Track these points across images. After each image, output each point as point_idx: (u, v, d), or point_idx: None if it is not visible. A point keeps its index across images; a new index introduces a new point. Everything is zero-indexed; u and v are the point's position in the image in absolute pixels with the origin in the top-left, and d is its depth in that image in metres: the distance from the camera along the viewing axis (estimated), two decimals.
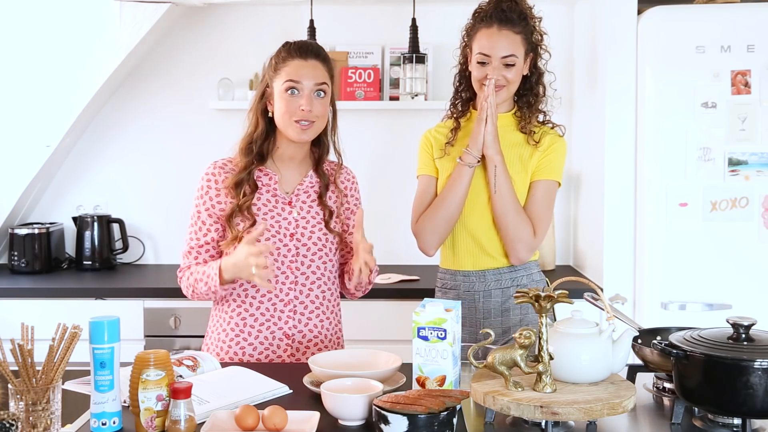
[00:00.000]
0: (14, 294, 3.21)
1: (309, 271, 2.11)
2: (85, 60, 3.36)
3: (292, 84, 2.06)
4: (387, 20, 3.63)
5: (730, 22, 2.92)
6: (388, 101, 3.58)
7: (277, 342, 2.10)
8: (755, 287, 2.91)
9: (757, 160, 2.89)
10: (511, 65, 2.21)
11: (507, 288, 2.26)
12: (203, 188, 2.13)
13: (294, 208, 2.13)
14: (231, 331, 2.11)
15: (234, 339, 2.11)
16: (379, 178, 3.60)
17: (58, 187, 3.71)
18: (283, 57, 2.10)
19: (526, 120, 2.28)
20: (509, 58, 2.20)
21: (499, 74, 2.20)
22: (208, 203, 2.12)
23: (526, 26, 2.23)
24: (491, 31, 2.21)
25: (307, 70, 2.07)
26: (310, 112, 2.05)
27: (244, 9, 3.64)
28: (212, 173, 2.13)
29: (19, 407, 1.47)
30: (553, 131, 2.32)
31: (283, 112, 2.07)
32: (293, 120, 2.06)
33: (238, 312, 2.11)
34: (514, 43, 2.21)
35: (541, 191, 2.27)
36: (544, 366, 1.56)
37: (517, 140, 2.29)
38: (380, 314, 3.07)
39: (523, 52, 2.23)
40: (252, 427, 1.52)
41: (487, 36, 2.22)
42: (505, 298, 2.27)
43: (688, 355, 1.52)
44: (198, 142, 3.66)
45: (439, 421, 1.44)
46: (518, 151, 2.28)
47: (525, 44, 2.23)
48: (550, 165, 2.28)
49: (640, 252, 3.03)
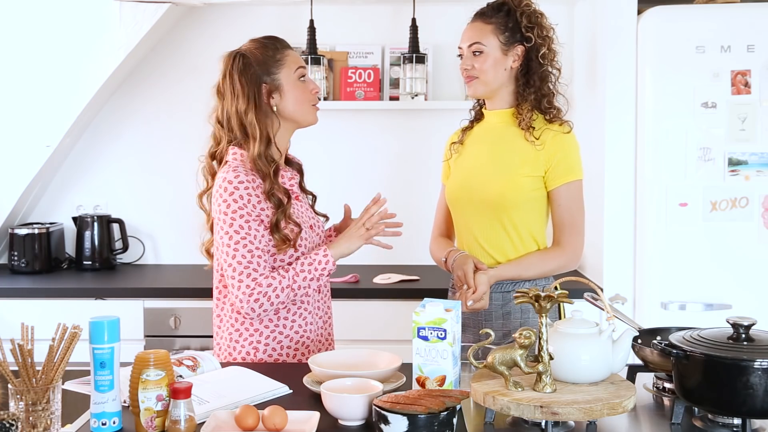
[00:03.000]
0: (14, 294, 3.21)
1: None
2: (85, 60, 3.36)
3: (303, 70, 2.15)
4: (387, 20, 3.63)
5: (730, 22, 2.92)
6: (388, 101, 3.58)
7: (308, 334, 2.14)
8: (755, 287, 2.91)
9: (757, 160, 2.89)
10: (479, 53, 2.23)
11: (507, 292, 2.25)
12: (243, 197, 2.00)
13: (300, 201, 2.18)
14: (265, 329, 2.10)
15: (270, 336, 2.10)
16: (379, 178, 3.60)
17: (58, 187, 3.71)
18: (275, 49, 2.14)
19: (522, 115, 2.24)
20: (474, 45, 2.23)
21: (468, 63, 2.24)
22: (254, 211, 2.01)
23: (505, 16, 2.23)
24: (465, 28, 2.30)
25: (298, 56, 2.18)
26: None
27: (244, 9, 3.63)
28: (247, 180, 2.02)
29: (19, 407, 1.47)
30: (557, 128, 2.23)
31: (301, 99, 2.13)
32: (311, 104, 2.15)
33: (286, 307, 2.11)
34: (482, 32, 2.24)
35: (565, 196, 2.23)
36: (544, 366, 1.56)
37: (517, 137, 2.25)
38: (380, 314, 3.07)
39: (496, 42, 2.22)
40: (252, 427, 1.52)
41: (463, 31, 2.30)
42: (506, 301, 2.25)
43: (688, 355, 1.52)
44: (198, 142, 3.65)
45: (439, 421, 1.44)
46: (517, 148, 2.24)
47: (500, 34, 2.22)
48: (565, 165, 2.22)
49: (640, 252, 3.03)
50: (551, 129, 2.24)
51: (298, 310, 2.12)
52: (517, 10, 2.24)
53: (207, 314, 3.09)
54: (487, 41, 2.22)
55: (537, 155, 2.22)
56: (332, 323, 2.27)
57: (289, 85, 2.10)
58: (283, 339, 2.11)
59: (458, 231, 2.36)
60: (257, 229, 2.01)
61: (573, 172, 2.24)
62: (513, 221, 2.24)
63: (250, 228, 2.00)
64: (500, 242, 2.26)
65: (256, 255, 2.00)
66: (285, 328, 2.11)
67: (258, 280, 1.99)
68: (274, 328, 2.11)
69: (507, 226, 2.24)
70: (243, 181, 2.02)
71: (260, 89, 2.09)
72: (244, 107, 2.07)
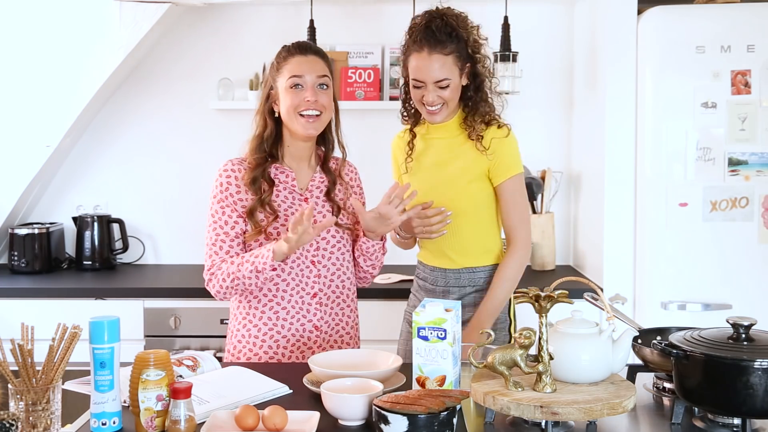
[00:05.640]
0: (14, 294, 3.21)
1: (329, 263, 2.17)
2: (85, 60, 3.36)
3: (295, 79, 2.12)
4: (387, 20, 3.63)
5: (730, 22, 2.92)
6: (388, 101, 3.58)
7: (308, 334, 2.14)
8: (755, 287, 2.91)
9: (757, 160, 2.89)
10: (446, 87, 2.22)
11: (464, 287, 2.30)
12: (222, 185, 2.14)
13: (309, 204, 2.17)
14: (264, 326, 2.13)
15: (267, 333, 2.13)
16: (379, 178, 3.59)
17: (58, 187, 3.71)
18: (284, 56, 2.16)
19: (471, 128, 2.27)
20: (442, 81, 2.21)
21: (434, 96, 2.22)
22: (229, 198, 2.13)
23: (459, 42, 2.22)
24: (422, 56, 2.21)
25: (309, 64, 2.14)
26: (316, 102, 2.11)
27: (244, 9, 3.63)
28: (231, 170, 2.15)
29: (19, 407, 1.47)
30: (497, 131, 2.27)
31: (288, 105, 2.12)
32: (299, 112, 2.11)
33: (270, 306, 2.13)
34: (446, 66, 2.20)
35: (509, 191, 2.28)
36: (544, 366, 1.56)
37: (466, 146, 2.28)
38: (380, 314, 3.07)
39: (457, 70, 2.22)
40: (252, 427, 1.52)
41: (418, 60, 2.22)
42: (461, 296, 2.29)
43: (688, 355, 1.52)
44: (198, 142, 3.66)
45: (439, 421, 1.44)
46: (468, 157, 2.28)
47: (458, 61, 2.22)
48: (505, 164, 2.27)
49: (640, 252, 3.03)
50: (491, 133, 2.26)
51: (312, 300, 2.14)
52: (463, 32, 2.23)
53: (207, 314, 3.10)
54: (451, 74, 2.22)
55: (484, 160, 2.26)
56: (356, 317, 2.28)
57: (283, 92, 2.13)
58: (282, 336, 2.13)
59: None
60: (230, 215, 2.12)
61: (513, 167, 2.29)
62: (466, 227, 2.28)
63: (223, 213, 2.12)
64: (450, 246, 2.30)
65: (220, 239, 2.12)
66: (284, 326, 2.13)
67: (215, 261, 2.11)
68: (272, 326, 2.13)
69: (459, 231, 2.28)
70: (227, 170, 2.15)
71: (269, 93, 2.18)
72: (262, 101, 2.19)
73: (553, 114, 3.64)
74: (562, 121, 3.64)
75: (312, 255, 2.15)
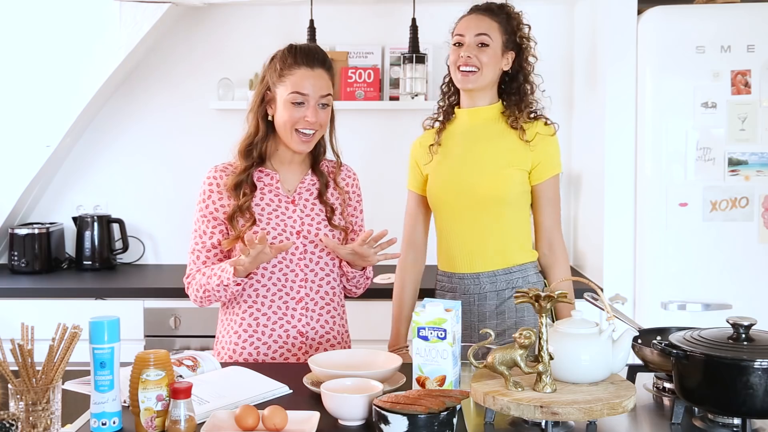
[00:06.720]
0: (14, 294, 3.21)
1: (317, 267, 2.13)
2: (85, 60, 3.36)
3: (298, 96, 2.06)
4: (387, 20, 3.63)
5: (730, 22, 2.92)
6: (388, 101, 3.58)
7: (291, 340, 2.10)
8: (755, 287, 2.91)
9: (757, 160, 2.89)
10: (486, 45, 2.21)
11: (502, 290, 2.25)
12: (205, 192, 2.13)
13: (297, 206, 2.14)
14: (244, 332, 2.11)
15: (247, 340, 2.11)
16: (378, 178, 3.60)
17: (58, 187, 3.71)
18: (289, 64, 2.08)
19: (515, 116, 2.26)
20: (482, 36, 2.21)
21: (472, 52, 2.21)
22: (211, 206, 2.12)
23: (507, 20, 2.26)
24: (469, 17, 2.28)
25: (314, 81, 2.07)
26: (315, 123, 2.07)
27: (244, 9, 3.64)
28: (213, 176, 2.14)
29: (19, 407, 1.47)
30: (545, 127, 2.27)
31: (286, 120, 2.07)
32: (295, 129, 2.07)
33: (250, 312, 2.11)
34: (490, 26, 2.23)
35: (551, 190, 2.28)
36: (544, 366, 1.56)
37: (504, 133, 2.27)
38: (380, 314, 3.06)
39: (500, 40, 2.23)
40: (252, 427, 1.52)
41: (464, 21, 2.28)
42: (501, 301, 2.25)
43: (688, 355, 1.52)
44: (198, 142, 3.66)
45: (439, 421, 1.44)
46: (506, 144, 2.26)
47: (503, 34, 2.24)
48: (549, 162, 2.27)
49: (640, 252, 3.03)
50: (540, 131, 2.26)
51: (297, 305, 2.11)
52: (515, 21, 2.28)
53: (207, 314, 3.10)
54: (493, 35, 2.23)
55: (525, 151, 2.24)
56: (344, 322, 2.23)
57: (282, 103, 2.08)
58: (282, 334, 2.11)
59: (440, 236, 2.35)
60: (207, 225, 2.13)
61: (555, 167, 2.30)
62: (500, 220, 2.25)
63: (202, 223, 2.14)
64: (484, 244, 2.26)
65: (197, 248, 2.14)
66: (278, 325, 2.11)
67: (192, 270, 2.14)
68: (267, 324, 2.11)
69: (493, 226, 2.24)
70: (210, 177, 2.15)
71: (265, 93, 2.13)
72: (256, 102, 2.15)
73: (553, 114, 3.63)
74: (562, 121, 3.62)
75: (298, 259, 2.11)
